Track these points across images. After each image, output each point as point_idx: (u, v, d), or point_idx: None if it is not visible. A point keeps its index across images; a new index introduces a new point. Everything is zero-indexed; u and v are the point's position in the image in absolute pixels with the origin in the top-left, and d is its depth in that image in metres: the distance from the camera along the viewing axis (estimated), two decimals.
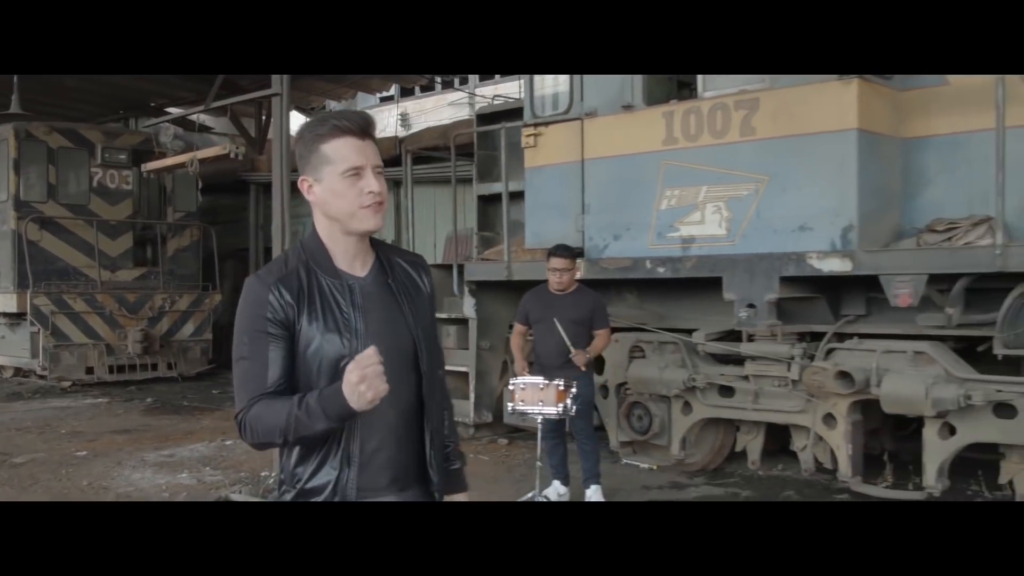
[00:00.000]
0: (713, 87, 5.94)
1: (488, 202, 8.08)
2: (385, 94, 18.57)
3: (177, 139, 11.14)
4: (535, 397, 5.62)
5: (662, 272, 6.20)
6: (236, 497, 6.27)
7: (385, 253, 2.09)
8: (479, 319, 7.40)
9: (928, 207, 5.67)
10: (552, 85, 6.88)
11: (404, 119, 18.99)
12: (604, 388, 7.00)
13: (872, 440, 6.62)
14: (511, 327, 6.54)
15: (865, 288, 5.95)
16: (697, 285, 6.43)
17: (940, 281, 5.35)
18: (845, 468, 5.98)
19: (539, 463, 5.71)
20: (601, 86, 6.44)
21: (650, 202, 6.19)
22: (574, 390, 5.58)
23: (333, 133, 1.92)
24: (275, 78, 6.93)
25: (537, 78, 6.94)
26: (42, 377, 12.54)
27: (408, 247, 8.93)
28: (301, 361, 1.94)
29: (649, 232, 6.23)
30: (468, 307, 7.41)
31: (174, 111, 15.41)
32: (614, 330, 6.53)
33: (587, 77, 6.50)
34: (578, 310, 5.92)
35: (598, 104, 6.46)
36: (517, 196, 7.27)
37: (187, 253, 13.89)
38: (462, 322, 7.61)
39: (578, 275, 6.35)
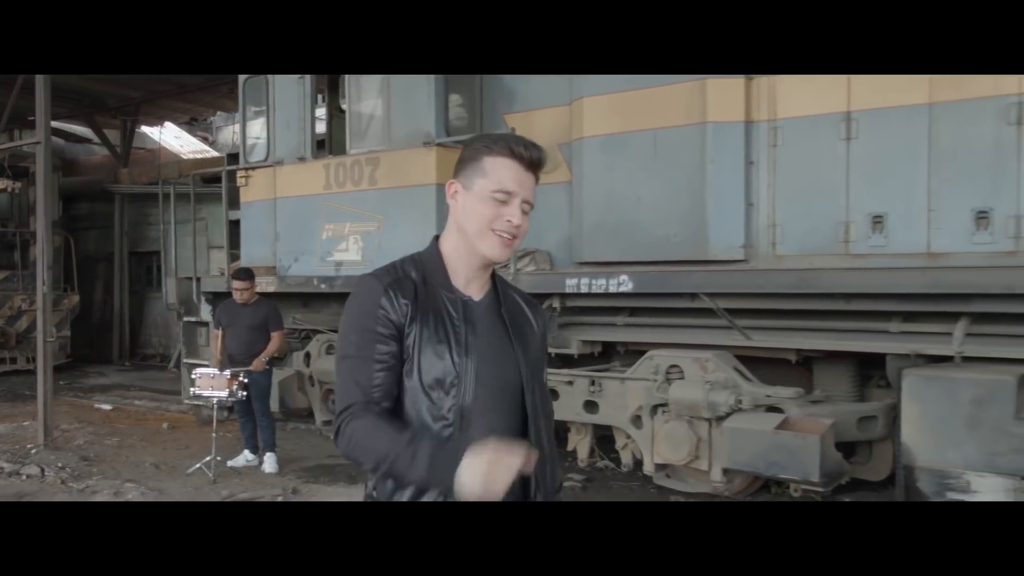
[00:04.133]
0: (356, 147, 7.69)
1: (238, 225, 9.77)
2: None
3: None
4: (209, 384, 7.37)
5: (323, 288, 7.95)
6: None
7: (502, 285, 2.02)
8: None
9: None
10: (257, 136, 8.58)
11: None
12: (311, 378, 8.74)
13: None
14: None
15: None
16: None
17: None
18: None
19: (214, 434, 7.42)
20: (286, 140, 8.17)
21: (316, 233, 7.93)
22: (243, 379, 7.33)
23: (502, 152, 1.85)
24: (38, 127, 8.56)
25: (248, 128, 8.65)
26: None
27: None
28: (408, 372, 1.84)
29: (316, 257, 7.98)
30: (206, 312, 9.12)
31: None
32: (314, 332, 8.27)
33: (277, 133, 8.23)
34: (256, 318, 7.63)
35: (284, 155, 8.19)
36: None
37: None
38: (207, 324, 9.33)
39: (272, 289, 8.10)
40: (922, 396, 5.28)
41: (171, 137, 18.53)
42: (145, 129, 17.71)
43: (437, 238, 1.98)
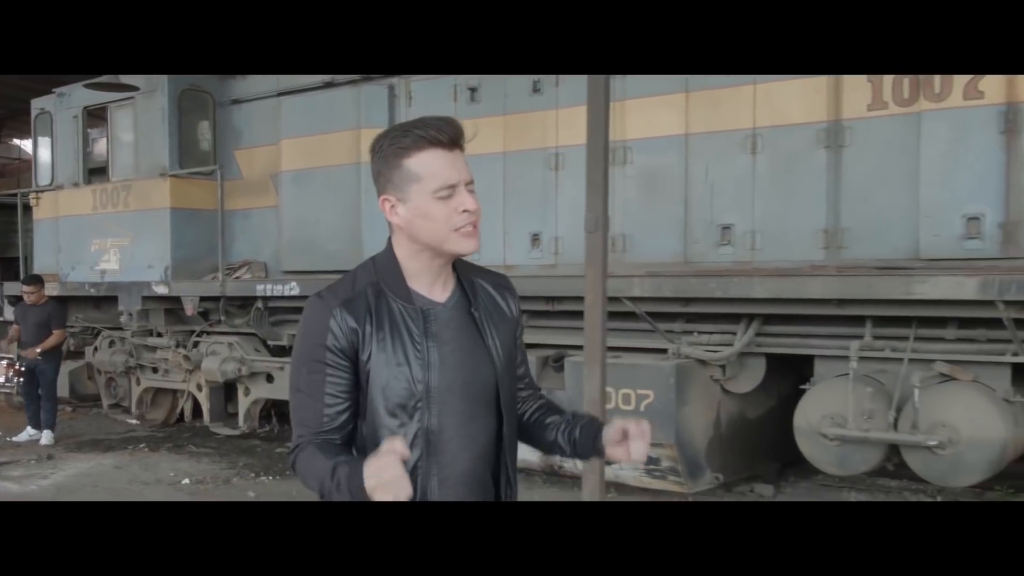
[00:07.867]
0: (116, 175, 9.30)
1: None
2: None
3: None
4: None
5: (93, 292, 9.56)
6: None
7: (467, 275, 1.88)
8: None
9: (240, 253, 9.12)
10: (46, 165, 10.13)
11: None
12: (97, 369, 10.31)
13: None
14: None
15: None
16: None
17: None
18: (207, 416, 9.42)
19: None
20: (65, 168, 9.76)
21: (87, 246, 9.54)
22: (19, 367, 8.90)
23: (419, 145, 1.70)
24: None
25: (40, 156, 10.21)
26: None
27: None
28: (368, 395, 1.74)
29: (87, 266, 9.58)
30: (8, 313, 10.65)
31: None
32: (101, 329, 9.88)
33: (58, 161, 9.80)
34: (41, 316, 9.20)
35: (63, 180, 9.78)
36: None
37: None
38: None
39: (56, 292, 9.69)
40: None
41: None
42: (16, 142, 19.03)
43: (390, 240, 1.84)
